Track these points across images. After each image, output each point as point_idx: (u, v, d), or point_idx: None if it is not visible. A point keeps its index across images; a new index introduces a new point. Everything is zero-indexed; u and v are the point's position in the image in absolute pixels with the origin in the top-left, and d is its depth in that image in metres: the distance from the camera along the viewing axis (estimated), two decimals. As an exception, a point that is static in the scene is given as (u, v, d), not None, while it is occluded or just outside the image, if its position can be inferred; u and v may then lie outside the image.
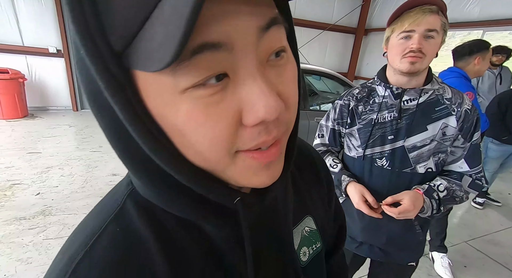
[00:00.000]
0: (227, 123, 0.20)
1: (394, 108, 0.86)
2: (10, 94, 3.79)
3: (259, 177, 0.24)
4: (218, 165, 0.23)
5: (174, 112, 0.20)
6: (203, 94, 0.19)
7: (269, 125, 0.21)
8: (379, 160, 0.89)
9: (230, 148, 0.21)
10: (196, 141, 0.21)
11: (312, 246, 0.37)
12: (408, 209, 0.80)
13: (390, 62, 0.86)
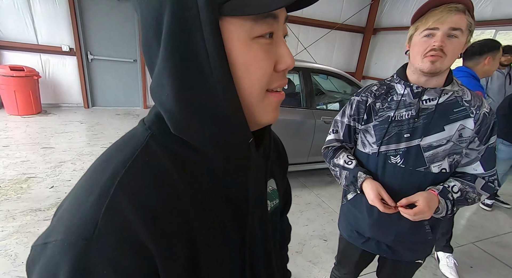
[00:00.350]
0: (272, 64, 0.32)
1: (413, 107, 0.86)
2: (25, 91, 3.91)
3: (274, 113, 0.35)
4: (257, 97, 0.33)
5: (248, 51, 0.30)
6: (264, 42, 0.31)
7: (284, 74, 0.34)
8: (393, 158, 0.89)
9: (267, 83, 0.32)
10: (254, 72, 0.31)
11: (273, 201, 0.47)
12: (423, 210, 0.79)
13: (412, 60, 0.85)
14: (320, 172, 3.26)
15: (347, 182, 0.95)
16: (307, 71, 2.81)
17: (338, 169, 0.98)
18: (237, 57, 0.30)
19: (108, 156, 0.33)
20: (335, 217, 2.42)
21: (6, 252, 1.64)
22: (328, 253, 1.95)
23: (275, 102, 0.34)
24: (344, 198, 1.08)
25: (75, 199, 0.30)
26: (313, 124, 2.77)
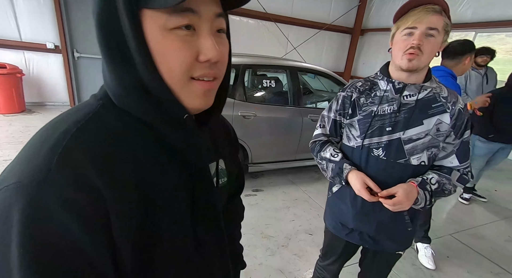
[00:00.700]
0: (190, 54, 0.35)
1: (394, 102, 0.91)
2: (8, 89, 3.81)
3: (201, 100, 0.38)
4: (179, 83, 0.36)
5: (164, 40, 0.33)
6: (182, 33, 0.34)
7: (211, 65, 0.36)
8: (375, 150, 0.93)
9: (188, 72, 0.35)
10: (171, 60, 0.34)
11: (222, 178, 0.52)
12: (402, 201, 0.84)
13: (393, 57, 0.90)
14: (308, 169, 3.33)
15: (333, 174, 1.00)
16: (294, 69, 2.86)
17: (325, 162, 1.02)
18: (156, 45, 0.33)
19: (60, 119, 0.35)
20: (321, 212, 2.47)
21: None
22: (314, 247, 2.01)
23: (200, 90, 0.37)
24: (330, 191, 1.13)
25: (26, 154, 0.31)
26: (300, 122, 2.83)
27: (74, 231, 0.28)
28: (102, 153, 0.32)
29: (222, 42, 0.38)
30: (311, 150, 1.11)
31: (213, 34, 0.36)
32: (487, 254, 2.09)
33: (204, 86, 0.37)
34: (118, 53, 0.34)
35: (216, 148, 0.52)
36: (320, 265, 1.30)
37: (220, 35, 0.38)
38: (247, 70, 2.72)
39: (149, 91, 0.35)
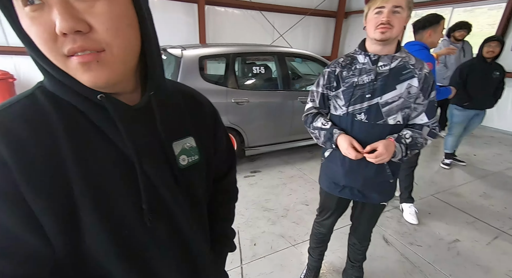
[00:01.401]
0: (45, 30, 0.31)
1: (372, 72, 1.05)
2: (1, 95, 3.86)
3: (85, 75, 0.34)
4: (58, 63, 0.34)
5: (22, 21, 0.32)
6: (28, 10, 0.31)
7: (75, 37, 0.32)
8: (358, 115, 1.08)
9: (58, 50, 0.32)
10: (36, 42, 0.32)
11: (191, 157, 0.50)
12: (381, 153, 1.00)
13: (368, 33, 1.04)
14: (301, 149, 3.52)
15: (324, 139, 1.15)
16: (281, 55, 3.01)
17: (317, 131, 1.18)
18: (24, 28, 0.33)
19: None
20: (316, 186, 2.68)
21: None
22: (310, 215, 2.22)
23: (77, 63, 0.33)
24: (322, 157, 1.30)
25: None
26: (291, 105, 3.00)
27: None
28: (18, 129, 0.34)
29: (88, 7, 0.32)
30: (304, 123, 1.27)
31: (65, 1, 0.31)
32: (463, 208, 2.35)
33: (78, 59, 0.33)
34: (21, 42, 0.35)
35: (185, 126, 0.51)
36: (317, 222, 1.49)
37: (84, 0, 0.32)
38: (237, 58, 2.85)
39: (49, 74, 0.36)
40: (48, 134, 0.36)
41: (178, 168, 0.48)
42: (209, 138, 0.57)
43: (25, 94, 0.38)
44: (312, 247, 1.54)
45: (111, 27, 0.33)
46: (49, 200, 0.35)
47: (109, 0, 0.33)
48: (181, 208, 0.47)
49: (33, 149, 0.35)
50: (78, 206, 0.37)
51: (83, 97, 0.38)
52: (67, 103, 0.38)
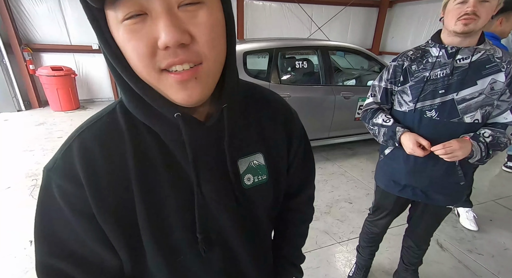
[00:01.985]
0: (145, 44, 0.29)
1: (447, 66, 0.96)
2: (65, 89, 4.31)
3: (180, 94, 0.33)
4: (151, 79, 0.32)
5: (118, 34, 0.31)
6: (129, 23, 0.29)
7: (177, 50, 0.30)
8: (428, 112, 1.00)
9: (154, 65, 0.31)
10: (130, 56, 0.31)
11: (257, 176, 0.45)
12: (454, 148, 0.91)
13: (446, 25, 0.95)
14: (341, 146, 3.42)
15: (386, 137, 1.09)
16: (325, 49, 2.93)
17: (377, 127, 1.13)
18: (118, 42, 0.31)
19: (88, 118, 0.41)
20: (359, 184, 2.61)
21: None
22: (354, 213, 2.16)
23: (174, 81, 0.32)
24: (382, 154, 1.24)
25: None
26: (333, 100, 2.92)
27: (65, 210, 0.36)
28: (93, 149, 0.37)
29: (192, 18, 0.30)
30: (362, 118, 1.22)
31: (170, 11, 0.29)
32: (532, 217, 2.10)
33: (176, 78, 0.31)
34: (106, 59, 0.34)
35: (254, 141, 0.46)
36: (369, 220, 1.43)
37: (187, 8, 0.30)
38: (279, 53, 2.84)
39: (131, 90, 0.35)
40: (119, 158, 0.38)
41: (242, 188, 0.44)
42: (281, 152, 0.50)
43: (108, 109, 0.41)
44: (362, 246, 1.51)
45: (209, 38, 0.31)
46: (115, 221, 0.38)
47: (209, 8, 0.31)
48: (239, 235, 0.45)
49: (104, 174, 0.37)
50: (140, 226, 0.39)
51: (158, 117, 0.37)
52: (139, 121, 0.38)
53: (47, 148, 3.10)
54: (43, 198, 0.38)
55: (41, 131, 3.61)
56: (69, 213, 0.36)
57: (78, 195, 0.36)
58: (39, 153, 2.98)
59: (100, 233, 0.37)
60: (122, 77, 0.34)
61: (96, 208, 0.36)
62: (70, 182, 0.36)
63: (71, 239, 0.38)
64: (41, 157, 2.90)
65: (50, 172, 0.37)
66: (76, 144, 0.37)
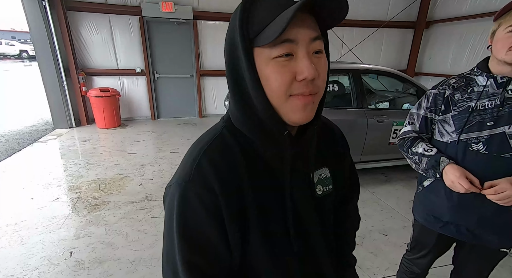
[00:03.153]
0: (288, 77, 0.40)
1: (497, 97, 0.91)
2: (111, 108, 4.74)
3: (300, 114, 0.43)
4: (280, 100, 0.42)
5: (267, 67, 0.41)
6: (280, 60, 0.40)
7: (308, 83, 0.41)
8: (474, 145, 0.93)
9: (287, 91, 0.41)
10: (273, 83, 0.41)
11: (325, 187, 0.56)
12: (509, 194, 0.83)
13: (495, 53, 0.91)
14: (374, 171, 3.25)
15: (427, 166, 1.01)
16: (356, 72, 2.90)
17: (417, 157, 1.05)
18: (262, 72, 0.41)
19: (199, 139, 0.50)
20: (394, 214, 2.43)
21: (120, 232, 2.10)
22: (389, 246, 2.00)
23: (299, 104, 0.42)
24: (420, 186, 1.15)
25: (183, 163, 0.49)
26: (365, 123, 2.82)
27: (201, 215, 0.43)
28: (219, 164, 0.45)
29: (319, 62, 0.42)
30: (399, 147, 1.16)
31: (309, 55, 0.41)
32: None
33: (301, 100, 0.42)
34: (238, 85, 0.45)
35: (321, 157, 0.56)
36: (408, 258, 1.30)
37: (317, 55, 0.42)
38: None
39: (256, 113, 0.44)
40: (236, 168, 0.46)
41: (316, 196, 0.54)
42: (340, 166, 0.61)
43: (215, 132, 0.49)
44: (400, 287, 1.37)
45: (324, 76, 0.44)
46: (235, 221, 0.45)
47: (324, 57, 0.44)
48: (317, 235, 0.54)
49: (228, 181, 0.45)
50: (250, 225, 0.46)
51: (265, 134, 0.47)
52: (244, 140, 0.48)
53: (91, 163, 3.38)
54: (182, 205, 0.44)
55: (87, 146, 3.96)
56: (205, 216, 0.44)
57: (213, 201, 0.43)
58: (83, 167, 3.25)
59: (224, 233, 0.45)
60: (244, 100, 0.45)
61: (226, 211, 0.44)
62: (206, 191, 0.43)
63: (203, 239, 0.45)
64: (85, 171, 3.16)
65: (188, 184, 0.44)
66: (205, 160, 0.45)
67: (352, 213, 0.73)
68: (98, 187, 2.78)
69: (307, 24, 0.40)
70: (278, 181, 0.48)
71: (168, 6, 4.79)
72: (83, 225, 2.17)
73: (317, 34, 0.41)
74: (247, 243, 0.47)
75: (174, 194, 0.45)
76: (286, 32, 0.38)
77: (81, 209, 2.39)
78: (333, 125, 0.64)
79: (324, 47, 0.45)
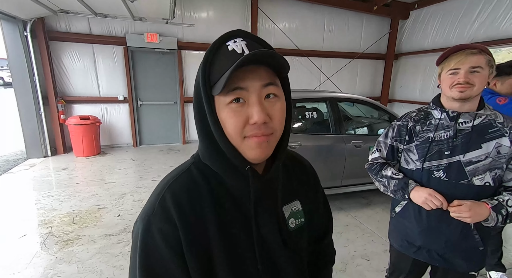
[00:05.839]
0: (240, 121, 0.44)
1: (450, 129, 1.01)
2: (90, 136, 4.62)
3: (255, 151, 0.46)
4: (237, 141, 0.46)
5: (223, 112, 0.45)
6: (233, 106, 0.44)
7: (260, 126, 0.44)
8: (436, 172, 1.02)
9: (241, 133, 0.45)
10: (228, 126, 0.45)
11: (298, 219, 0.58)
12: (462, 210, 0.92)
13: (444, 91, 1.03)
14: (355, 195, 3.33)
15: (396, 188, 1.10)
16: (333, 100, 3.07)
17: (386, 179, 1.14)
18: (220, 116, 0.46)
19: (167, 175, 0.53)
20: (376, 238, 2.46)
21: (94, 269, 1.96)
22: (372, 272, 2.00)
23: (253, 143, 0.45)
24: (393, 212, 1.22)
25: (150, 198, 0.51)
26: (344, 148, 2.94)
27: (162, 247, 0.45)
28: (182, 199, 0.47)
29: (272, 106, 0.46)
30: (369, 170, 1.25)
31: (260, 101, 0.44)
32: None
33: (254, 140, 0.45)
34: (203, 125, 0.49)
35: (293, 190, 0.59)
36: None
37: (270, 100, 0.46)
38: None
39: (220, 150, 0.48)
40: (200, 203, 0.48)
41: (288, 231, 0.55)
42: (311, 199, 0.63)
43: (183, 168, 0.52)
44: (382, 315, 1.36)
45: (279, 119, 0.47)
46: (197, 255, 0.47)
47: (281, 101, 0.48)
48: (289, 271, 0.54)
49: (190, 216, 0.47)
50: (215, 262, 0.48)
51: (231, 169, 0.49)
52: (212, 176, 0.51)
53: (65, 194, 3.21)
54: (145, 239, 0.46)
55: (62, 176, 3.78)
56: (166, 250, 0.45)
57: (174, 234, 0.45)
58: (57, 199, 3.07)
59: (185, 268, 0.46)
60: (209, 139, 0.48)
61: (185, 246, 0.46)
62: (168, 224, 0.45)
63: (163, 271, 0.46)
64: (58, 203, 2.98)
65: (151, 217, 0.46)
66: (168, 194, 0.48)
67: (328, 249, 0.74)
68: (72, 221, 2.62)
69: (258, 73, 0.45)
70: (246, 217, 0.50)
71: (153, 37, 4.96)
72: (53, 263, 2.01)
73: (268, 81, 0.45)
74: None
75: (139, 228, 0.47)
76: (238, 81, 0.43)
77: (51, 245, 2.23)
78: (303, 160, 0.67)
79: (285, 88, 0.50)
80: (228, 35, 0.47)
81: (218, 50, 0.46)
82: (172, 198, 0.47)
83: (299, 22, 6.05)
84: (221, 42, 0.47)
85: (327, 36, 6.37)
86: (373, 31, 6.65)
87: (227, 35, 0.47)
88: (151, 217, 0.46)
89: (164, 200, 0.47)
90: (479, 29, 4.93)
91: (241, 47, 0.45)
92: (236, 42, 0.46)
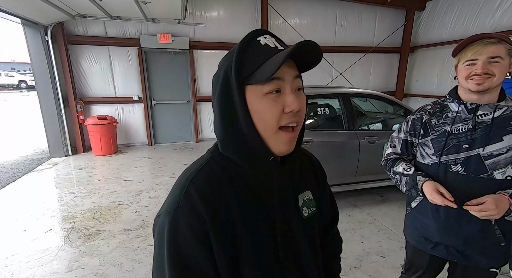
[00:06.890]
0: (279, 109, 0.47)
1: (469, 121, 0.97)
2: (107, 136, 4.79)
3: (286, 146, 0.49)
4: (271, 133, 0.48)
5: (260, 103, 0.47)
6: (272, 96, 0.46)
7: (294, 114, 0.48)
8: (454, 166, 0.99)
9: (277, 123, 0.47)
10: (265, 116, 0.47)
11: (310, 208, 0.61)
12: (489, 208, 0.87)
13: (460, 83, 1.00)
14: (370, 192, 3.28)
15: (408, 187, 1.07)
16: (346, 95, 3.03)
17: (398, 176, 1.12)
18: (253, 106, 0.47)
19: (188, 169, 0.54)
20: (391, 235, 2.42)
21: (114, 262, 2.05)
22: (388, 269, 1.98)
23: (286, 138, 0.48)
24: (408, 207, 1.19)
25: (171, 193, 0.52)
26: (357, 144, 2.90)
27: (191, 241, 0.46)
28: (206, 191, 0.48)
29: (300, 97, 0.49)
30: (384, 167, 1.22)
31: (293, 91, 0.48)
32: None
33: (289, 135, 0.48)
34: (230, 116, 0.49)
35: (303, 181, 0.61)
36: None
37: (299, 92, 0.50)
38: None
39: (245, 140, 0.48)
40: (222, 194, 0.50)
41: (302, 219, 0.58)
42: (320, 191, 0.67)
43: (202, 162, 0.54)
44: (398, 311, 1.35)
45: (304, 110, 0.51)
46: (223, 247, 0.48)
47: (303, 94, 0.52)
48: (307, 257, 0.57)
49: (216, 207, 0.48)
50: (240, 247, 0.49)
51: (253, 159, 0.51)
52: (231, 169, 0.52)
53: (86, 191, 3.36)
54: (173, 233, 0.47)
55: (83, 174, 3.95)
56: (195, 244, 0.46)
57: (202, 227, 0.46)
58: (78, 196, 3.22)
59: (212, 258, 0.47)
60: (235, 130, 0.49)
61: (214, 238, 0.47)
62: (195, 217, 0.46)
63: (193, 265, 0.47)
64: (80, 200, 3.13)
65: (178, 211, 0.47)
66: (192, 188, 0.48)
67: (336, 236, 0.78)
68: (93, 216, 2.74)
69: (291, 65, 0.48)
70: (266, 207, 0.52)
71: (165, 37, 5.06)
72: (76, 256, 2.13)
73: (298, 73, 0.50)
74: (237, 267, 0.49)
75: (164, 222, 0.47)
76: (277, 72, 0.45)
77: (74, 239, 2.35)
78: (311, 154, 0.71)
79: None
80: (257, 32, 0.49)
81: (250, 44, 0.48)
82: (197, 191, 0.48)
83: (310, 18, 5.98)
84: (252, 37, 0.49)
85: (339, 31, 6.26)
86: (387, 24, 6.46)
87: (256, 32, 0.49)
88: (177, 210, 0.47)
89: (189, 194, 0.48)
90: (502, 17, 4.70)
91: (273, 42, 0.49)
92: (267, 38, 0.49)
